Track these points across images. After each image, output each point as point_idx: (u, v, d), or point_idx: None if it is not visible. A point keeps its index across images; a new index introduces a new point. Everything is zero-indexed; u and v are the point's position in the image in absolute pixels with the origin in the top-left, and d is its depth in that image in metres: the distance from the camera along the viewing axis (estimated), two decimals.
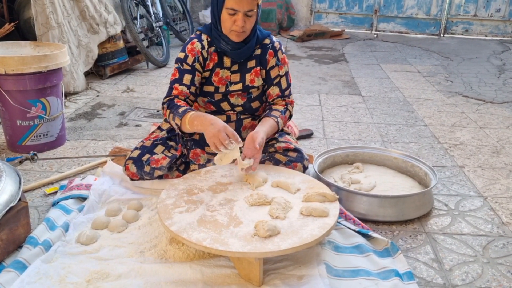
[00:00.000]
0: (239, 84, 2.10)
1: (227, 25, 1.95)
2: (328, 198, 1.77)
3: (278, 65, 2.13)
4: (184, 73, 2.05)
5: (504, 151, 2.85)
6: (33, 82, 2.49)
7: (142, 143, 2.21)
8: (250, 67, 2.10)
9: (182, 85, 2.04)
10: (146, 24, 4.79)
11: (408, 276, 1.61)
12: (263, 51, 2.11)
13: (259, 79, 2.11)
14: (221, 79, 2.08)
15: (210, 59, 2.07)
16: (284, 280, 1.57)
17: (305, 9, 7.44)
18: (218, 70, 2.08)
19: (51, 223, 1.84)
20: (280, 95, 2.16)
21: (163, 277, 1.57)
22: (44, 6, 3.40)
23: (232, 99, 2.11)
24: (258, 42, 2.09)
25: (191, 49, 2.05)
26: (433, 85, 4.40)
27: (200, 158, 2.17)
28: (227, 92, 2.09)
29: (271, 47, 2.12)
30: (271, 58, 2.12)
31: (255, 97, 2.14)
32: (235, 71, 2.09)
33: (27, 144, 2.61)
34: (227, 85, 2.09)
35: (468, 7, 7.12)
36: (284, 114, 2.11)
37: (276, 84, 2.14)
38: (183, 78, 2.04)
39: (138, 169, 2.11)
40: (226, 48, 2.03)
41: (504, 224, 2.04)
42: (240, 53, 2.04)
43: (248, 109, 2.15)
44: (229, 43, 2.01)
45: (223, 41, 2.01)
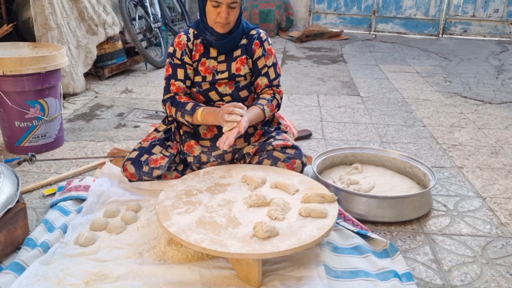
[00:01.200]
0: (225, 72, 2.14)
1: (211, 17, 2.01)
2: (327, 199, 1.77)
3: (265, 55, 2.18)
4: (177, 68, 2.13)
5: (502, 152, 2.85)
6: (31, 83, 2.49)
7: (140, 144, 2.22)
8: (235, 56, 2.15)
9: (178, 81, 2.13)
10: (144, 25, 4.79)
11: (407, 277, 1.61)
12: (249, 41, 2.16)
13: (245, 68, 2.16)
14: (207, 69, 2.13)
15: (196, 50, 2.14)
16: (283, 281, 1.56)
17: (304, 9, 7.44)
18: (204, 60, 2.13)
19: (49, 225, 1.83)
20: (268, 85, 2.20)
21: (162, 278, 1.56)
22: (43, 7, 3.40)
23: (220, 88, 2.15)
24: (244, 33, 2.16)
25: (177, 42, 2.14)
26: (431, 85, 4.41)
27: (194, 149, 2.18)
28: (214, 80, 2.14)
29: (257, 37, 2.17)
30: (257, 48, 2.16)
31: (243, 86, 2.18)
32: (222, 61, 2.15)
33: (25, 145, 2.61)
34: (214, 74, 2.14)
35: (466, 7, 7.13)
36: (271, 102, 2.15)
37: (264, 74, 2.19)
38: (177, 73, 2.13)
39: (136, 170, 2.11)
40: (211, 39, 2.09)
41: (503, 225, 2.04)
42: (225, 44, 2.10)
43: (237, 98, 2.18)
44: (213, 34, 2.07)
45: (208, 32, 2.08)
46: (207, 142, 2.20)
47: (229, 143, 1.87)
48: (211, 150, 2.18)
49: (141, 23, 4.75)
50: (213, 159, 2.16)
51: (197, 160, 2.16)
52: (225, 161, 2.19)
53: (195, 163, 2.16)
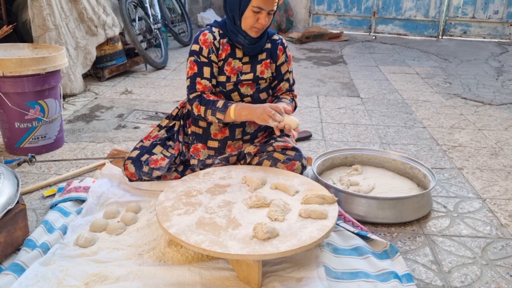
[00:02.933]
0: (250, 74, 2.14)
1: (249, 22, 2.01)
2: (327, 200, 1.77)
3: (287, 61, 2.23)
4: (203, 66, 2.08)
5: (502, 153, 2.85)
6: (31, 84, 2.49)
7: (142, 143, 2.22)
8: (260, 59, 2.16)
9: (204, 79, 2.08)
10: (144, 26, 4.79)
11: (407, 278, 1.61)
12: (273, 46, 2.19)
13: (268, 71, 2.17)
14: (233, 69, 2.12)
15: (222, 49, 2.11)
16: (283, 283, 1.56)
17: (304, 11, 7.44)
18: (230, 60, 2.11)
19: (49, 226, 1.83)
20: (289, 89, 2.27)
21: (162, 279, 1.56)
22: (41, 8, 3.40)
23: (242, 89, 2.14)
24: (268, 38, 2.18)
25: (204, 40, 2.08)
26: (431, 87, 4.41)
27: (200, 153, 2.18)
28: (238, 81, 2.13)
29: (281, 43, 2.21)
30: (281, 54, 2.20)
31: (263, 88, 2.19)
32: (246, 63, 2.14)
33: (25, 146, 2.60)
34: (238, 74, 2.13)
35: (466, 9, 7.14)
36: (291, 102, 2.22)
37: (286, 79, 2.24)
38: (203, 72, 2.08)
39: (136, 169, 2.11)
40: (244, 42, 2.08)
41: (503, 226, 2.03)
42: (256, 47, 2.11)
43: (257, 100, 2.18)
44: (247, 38, 2.07)
45: (241, 35, 2.06)
46: (216, 143, 2.19)
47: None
48: (217, 154, 2.19)
49: (141, 24, 4.75)
50: (218, 161, 2.17)
51: (202, 164, 2.16)
52: (229, 164, 2.19)
53: (199, 166, 2.16)
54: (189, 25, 6.14)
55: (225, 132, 2.18)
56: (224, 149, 2.19)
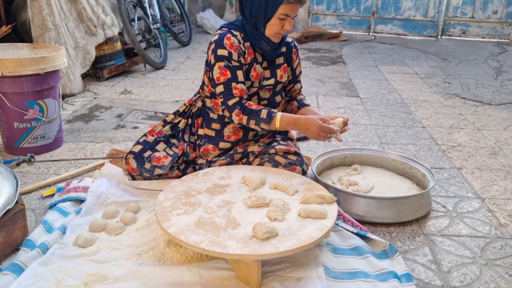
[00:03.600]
0: (271, 79, 2.16)
1: (275, 29, 2.01)
2: (326, 200, 1.77)
3: (299, 63, 2.29)
4: (236, 70, 2.01)
5: (501, 153, 2.85)
6: (30, 84, 2.48)
7: (145, 137, 2.21)
8: (278, 63, 2.18)
9: (239, 83, 2.02)
10: (143, 26, 4.79)
11: (407, 278, 1.61)
12: (288, 49, 2.22)
13: (286, 75, 2.21)
14: (258, 75, 2.12)
15: (247, 53, 2.09)
16: (282, 282, 1.56)
17: (303, 11, 7.44)
18: (255, 65, 2.11)
19: (48, 226, 1.83)
20: (300, 89, 2.37)
21: (161, 279, 1.56)
22: (41, 8, 3.39)
23: (261, 92, 2.17)
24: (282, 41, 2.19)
25: (230, 44, 2.01)
26: (430, 86, 4.41)
27: (210, 154, 2.19)
28: (261, 86, 2.14)
29: (294, 46, 2.25)
30: (295, 57, 2.25)
31: (278, 91, 2.23)
32: (266, 67, 2.15)
33: (24, 146, 2.60)
34: (261, 80, 2.14)
35: (465, 9, 7.14)
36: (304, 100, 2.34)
37: (298, 81, 2.33)
38: (237, 76, 2.01)
39: (138, 165, 2.11)
40: (267, 48, 2.08)
41: (502, 226, 2.04)
42: (276, 53, 2.14)
43: (272, 103, 2.20)
44: (270, 44, 2.08)
45: (264, 42, 2.06)
46: (228, 145, 2.18)
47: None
48: (225, 153, 2.19)
49: (140, 24, 4.75)
50: (223, 158, 2.17)
51: (209, 163, 2.17)
52: (233, 161, 2.19)
53: (205, 165, 2.17)
54: (188, 25, 6.14)
55: (239, 134, 2.18)
56: (233, 148, 2.20)
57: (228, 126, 2.16)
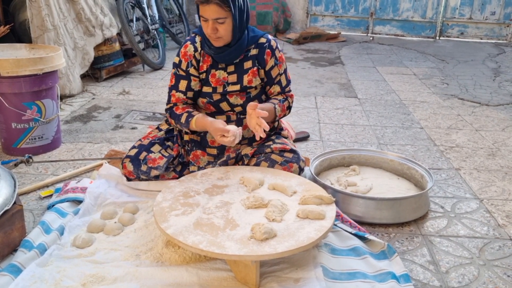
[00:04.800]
0: (237, 85, 2.11)
1: (204, 30, 1.97)
2: (325, 200, 1.77)
3: (277, 64, 2.15)
4: (180, 79, 2.11)
5: (499, 154, 2.86)
6: (29, 85, 2.48)
7: (140, 141, 2.21)
8: (246, 68, 2.11)
9: (178, 92, 2.11)
10: (142, 27, 4.79)
11: (405, 279, 1.61)
12: (260, 51, 2.12)
13: (257, 79, 2.13)
14: (218, 80, 2.10)
15: (203, 61, 2.09)
16: (281, 283, 1.56)
17: (301, 11, 7.45)
18: (213, 72, 2.09)
19: (46, 227, 1.83)
20: (281, 92, 2.20)
21: (159, 280, 1.56)
22: (40, 8, 3.39)
23: (231, 99, 2.12)
24: (253, 42, 2.10)
25: (184, 53, 2.09)
26: (429, 87, 4.42)
27: (200, 160, 2.18)
28: (225, 92, 2.11)
29: (268, 46, 2.13)
30: (269, 58, 2.13)
31: (254, 96, 2.16)
32: (232, 72, 2.10)
33: (22, 147, 2.60)
34: (225, 85, 2.10)
35: (463, 10, 7.15)
36: (282, 102, 2.16)
37: (276, 83, 2.18)
38: (179, 85, 2.11)
39: (135, 168, 2.11)
40: (209, 52, 2.06)
41: (500, 226, 2.04)
42: (224, 57, 2.05)
43: None
44: (211, 48, 2.04)
45: (206, 45, 2.05)
46: (214, 150, 2.19)
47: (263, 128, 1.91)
48: (217, 159, 2.17)
49: (138, 24, 4.74)
50: (217, 166, 2.16)
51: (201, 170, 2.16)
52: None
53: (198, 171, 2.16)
54: (187, 25, 6.13)
55: None
56: (223, 153, 2.19)
57: None
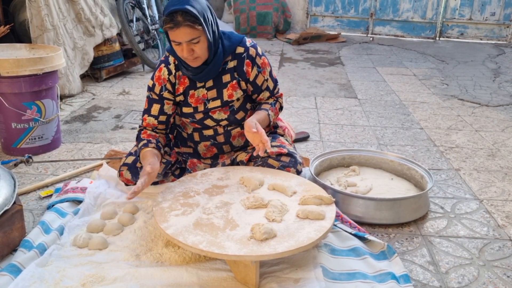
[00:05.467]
0: (217, 100, 2.03)
1: (179, 53, 1.87)
2: (325, 201, 1.77)
3: (261, 71, 2.05)
4: (153, 103, 2.02)
5: (499, 154, 2.86)
6: (28, 85, 2.48)
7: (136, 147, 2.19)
8: (225, 81, 2.02)
9: (150, 116, 2.03)
10: (142, 27, 4.79)
11: (405, 279, 1.61)
12: (239, 62, 2.01)
13: (237, 92, 2.03)
14: (198, 99, 2.02)
15: (179, 83, 2.01)
16: (281, 283, 1.56)
17: (301, 12, 7.45)
18: (192, 92, 2.02)
19: (46, 226, 1.83)
20: (270, 96, 2.13)
21: (159, 280, 1.56)
22: (39, 8, 3.39)
23: (215, 115, 2.06)
24: (229, 53, 1.99)
25: (158, 76, 2.00)
26: (428, 88, 4.42)
27: (197, 167, 2.17)
28: (206, 110, 2.04)
29: (247, 56, 2.01)
30: (249, 69, 2.02)
31: (238, 108, 2.08)
32: (211, 87, 2.02)
33: (22, 147, 2.60)
34: (205, 103, 2.03)
35: (463, 10, 7.15)
36: (274, 105, 2.10)
37: (265, 89, 2.10)
38: (151, 109, 2.03)
39: (133, 176, 2.06)
40: (187, 74, 1.97)
41: (500, 227, 2.04)
42: (203, 76, 1.96)
43: (233, 121, 2.10)
44: (189, 69, 1.95)
45: (183, 67, 1.95)
46: (208, 161, 2.19)
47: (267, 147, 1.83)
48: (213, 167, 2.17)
49: (138, 25, 4.74)
50: None
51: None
52: None
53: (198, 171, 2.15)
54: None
55: (213, 151, 2.16)
56: (217, 160, 2.19)
57: (200, 144, 2.14)
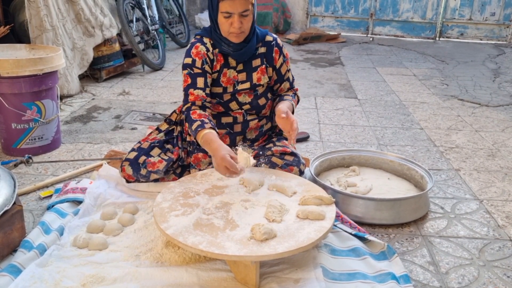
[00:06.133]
0: (246, 83, 2.10)
1: (225, 28, 1.95)
2: (325, 201, 1.77)
3: (285, 61, 2.18)
4: (196, 77, 2.03)
5: (499, 154, 2.86)
6: (28, 85, 2.48)
7: (139, 144, 2.20)
8: (255, 65, 2.11)
9: (197, 89, 2.02)
10: (142, 27, 4.79)
11: (405, 279, 1.61)
12: (268, 49, 2.12)
13: (265, 77, 2.13)
14: (229, 79, 2.09)
15: (216, 60, 2.07)
16: (281, 284, 1.56)
17: (301, 12, 7.45)
18: (225, 71, 2.08)
19: (46, 227, 1.83)
20: (290, 88, 2.24)
21: (159, 280, 1.56)
22: (38, 9, 3.39)
23: (240, 97, 2.12)
24: (260, 40, 2.10)
25: (196, 53, 2.04)
26: (428, 88, 4.42)
27: (201, 163, 2.16)
28: (235, 91, 2.10)
29: (276, 44, 2.14)
30: (278, 56, 2.14)
31: (261, 94, 2.16)
32: (241, 70, 2.10)
33: (22, 147, 2.60)
34: (235, 84, 2.10)
35: (463, 11, 7.15)
36: (294, 97, 2.20)
37: (286, 79, 2.20)
38: (197, 82, 2.02)
39: (134, 172, 2.10)
40: (228, 50, 2.03)
41: (500, 227, 2.04)
42: (243, 54, 2.04)
43: (255, 107, 2.15)
44: (230, 45, 2.01)
45: (224, 43, 2.02)
46: None
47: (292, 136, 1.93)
48: None
49: (138, 25, 4.74)
50: None
51: None
52: None
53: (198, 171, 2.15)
54: (187, 26, 6.14)
55: (226, 141, 2.16)
56: None
57: None
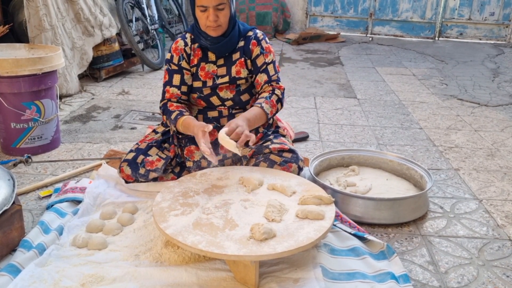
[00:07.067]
0: (225, 77, 2.13)
1: (202, 21, 2.01)
2: (324, 200, 1.77)
3: (263, 53, 2.16)
4: (173, 74, 2.13)
5: (498, 154, 2.86)
6: (28, 85, 2.48)
7: (137, 145, 2.21)
8: (235, 59, 2.14)
9: (172, 87, 2.13)
10: (141, 27, 4.79)
11: (404, 279, 1.61)
12: (246, 42, 2.15)
13: (245, 70, 2.15)
14: (207, 73, 2.12)
15: (194, 55, 2.13)
16: (280, 283, 1.56)
17: (301, 12, 7.45)
18: (203, 65, 2.13)
19: (45, 227, 1.83)
20: (268, 81, 2.15)
21: (158, 280, 1.56)
22: (37, 8, 3.39)
23: (221, 92, 2.14)
24: (241, 35, 2.14)
25: (174, 48, 2.14)
26: (428, 88, 4.42)
27: (194, 154, 2.17)
28: (214, 85, 2.13)
29: (254, 37, 2.16)
30: (254, 48, 2.15)
31: (244, 89, 2.17)
32: (221, 65, 2.13)
33: (21, 147, 2.59)
34: (214, 78, 2.13)
35: (462, 10, 7.16)
36: (269, 98, 2.09)
37: (263, 71, 2.15)
38: (173, 80, 2.13)
39: (133, 171, 2.11)
40: (206, 43, 2.08)
41: (499, 227, 2.04)
42: (221, 47, 2.08)
43: (238, 103, 2.17)
44: (208, 39, 2.06)
45: (202, 37, 2.08)
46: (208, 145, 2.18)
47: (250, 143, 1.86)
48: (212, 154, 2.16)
49: (138, 25, 4.74)
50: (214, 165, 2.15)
51: (197, 165, 2.14)
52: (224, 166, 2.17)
53: (194, 168, 2.15)
54: (186, 26, 6.13)
55: (215, 135, 2.15)
56: (217, 150, 2.18)
57: None
